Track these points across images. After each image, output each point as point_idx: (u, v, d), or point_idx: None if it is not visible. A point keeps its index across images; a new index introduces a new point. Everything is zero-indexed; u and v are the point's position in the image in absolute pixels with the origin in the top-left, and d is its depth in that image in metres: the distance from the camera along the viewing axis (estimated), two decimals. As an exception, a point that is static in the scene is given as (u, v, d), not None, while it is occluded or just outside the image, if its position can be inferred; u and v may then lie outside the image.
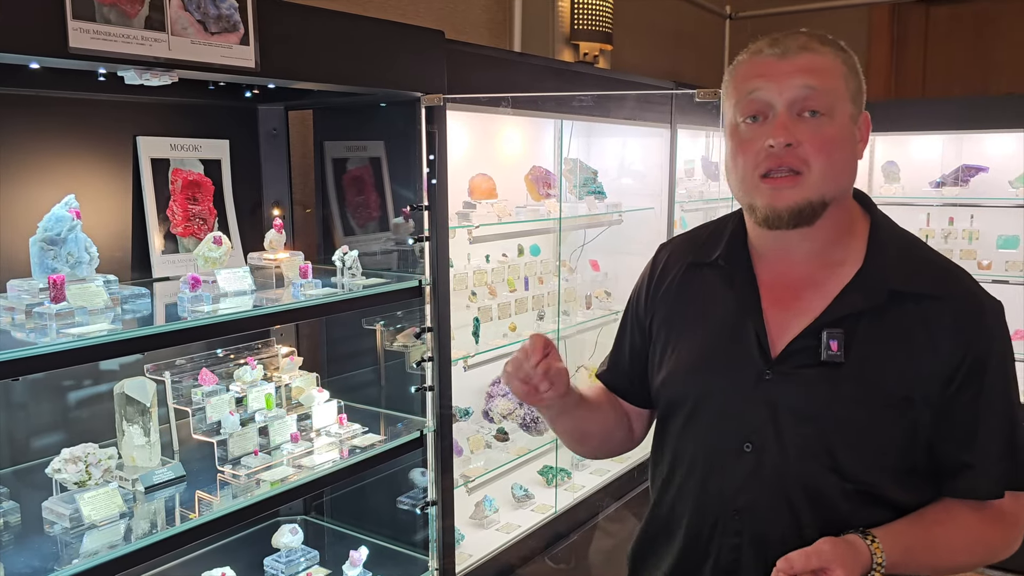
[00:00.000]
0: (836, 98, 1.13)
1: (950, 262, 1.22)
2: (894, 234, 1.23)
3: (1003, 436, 1.16)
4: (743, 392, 1.19)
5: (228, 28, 1.60)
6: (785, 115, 1.12)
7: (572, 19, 3.55)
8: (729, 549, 1.21)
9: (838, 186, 1.15)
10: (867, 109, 1.21)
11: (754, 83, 1.15)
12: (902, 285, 1.15)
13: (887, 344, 1.14)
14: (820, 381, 1.14)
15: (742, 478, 1.19)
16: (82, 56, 1.39)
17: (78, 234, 1.69)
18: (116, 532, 1.62)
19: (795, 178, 1.12)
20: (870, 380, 1.13)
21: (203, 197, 2.16)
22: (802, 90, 1.12)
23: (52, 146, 1.90)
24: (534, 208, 2.95)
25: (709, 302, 1.27)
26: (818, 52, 1.14)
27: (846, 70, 1.15)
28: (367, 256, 2.29)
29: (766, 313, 1.20)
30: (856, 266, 1.18)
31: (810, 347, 1.15)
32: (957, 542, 1.17)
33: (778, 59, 1.14)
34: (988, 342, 1.15)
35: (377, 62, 1.98)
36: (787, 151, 1.11)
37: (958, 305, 1.15)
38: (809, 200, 1.12)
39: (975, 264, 3.78)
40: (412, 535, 2.39)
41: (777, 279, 1.22)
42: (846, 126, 1.14)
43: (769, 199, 1.13)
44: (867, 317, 1.15)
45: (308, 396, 2.15)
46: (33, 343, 1.46)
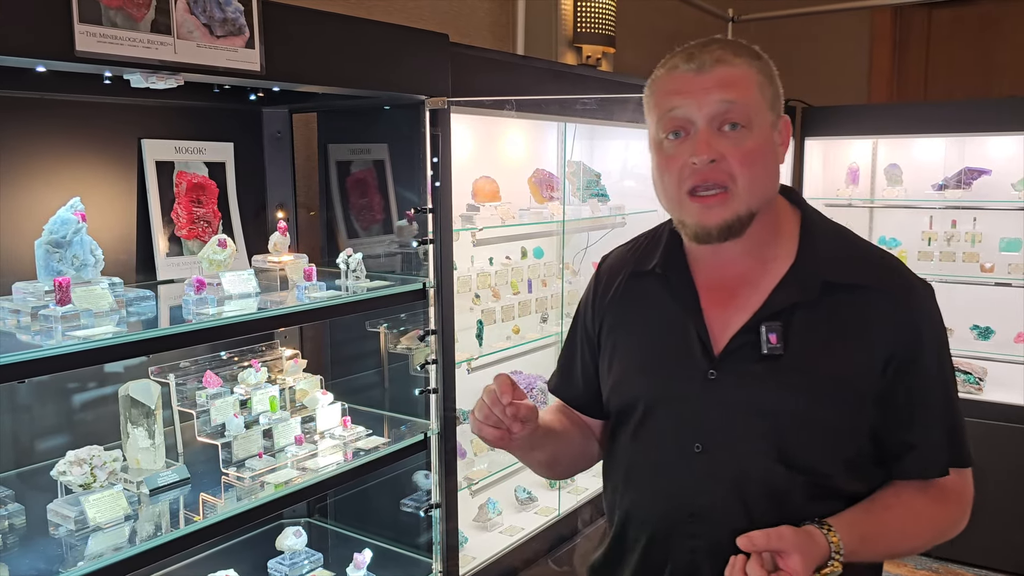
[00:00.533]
0: (754, 109, 1.15)
1: (881, 250, 1.26)
2: (824, 227, 1.26)
3: (943, 415, 1.20)
4: (690, 393, 1.21)
5: (233, 31, 1.60)
6: (706, 131, 1.14)
7: (575, 22, 3.55)
8: (686, 552, 1.22)
9: (764, 196, 1.18)
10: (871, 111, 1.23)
11: (673, 100, 1.16)
12: (835, 276, 1.18)
13: (825, 334, 1.17)
14: (763, 375, 1.17)
15: (695, 480, 1.20)
16: (89, 60, 1.39)
17: (83, 237, 1.69)
18: (121, 534, 1.62)
19: (723, 195, 1.14)
20: (811, 369, 1.16)
21: (207, 200, 2.16)
22: (721, 104, 1.13)
23: (57, 149, 1.90)
24: (537, 211, 2.95)
25: (651, 309, 1.30)
26: (733, 64, 1.15)
27: (762, 79, 1.17)
28: (371, 259, 2.29)
29: (706, 313, 1.23)
30: (789, 261, 1.21)
31: (750, 342, 1.18)
32: (909, 524, 1.19)
33: (695, 74, 1.15)
34: (922, 325, 1.19)
35: (382, 65, 1.98)
36: (711, 167, 1.13)
37: (891, 292, 1.18)
38: (738, 215, 1.15)
39: (978, 267, 3.78)
40: (416, 538, 2.39)
41: (714, 280, 1.25)
42: (766, 135, 1.17)
43: (698, 218, 1.16)
44: (803, 309, 1.17)
45: (312, 399, 2.15)
46: (38, 345, 1.46)
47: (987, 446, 3.58)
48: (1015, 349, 3.71)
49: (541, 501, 2.97)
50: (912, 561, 3.70)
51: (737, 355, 1.18)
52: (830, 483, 1.17)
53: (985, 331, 3.86)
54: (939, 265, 3.90)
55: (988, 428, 3.58)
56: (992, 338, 3.85)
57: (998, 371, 3.77)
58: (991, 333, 3.85)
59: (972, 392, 3.69)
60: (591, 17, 3.54)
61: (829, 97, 4.50)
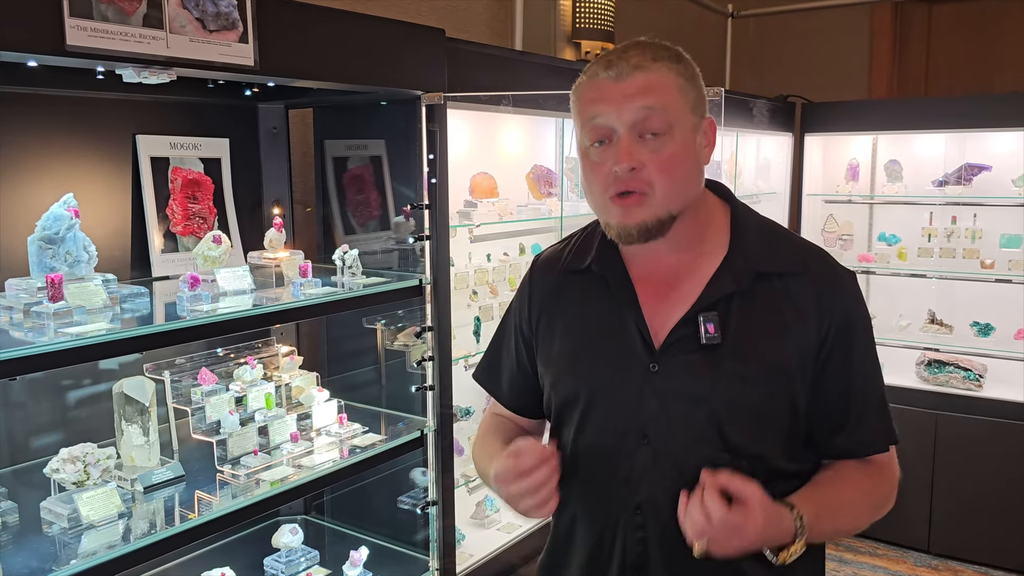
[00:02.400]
0: (674, 115, 1.16)
1: (806, 241, 1.30)
2: (753, 220, 1.29)
3: (874, 394, 1.24)
4: (632, 386, 1.22)
5: (227, 26, 1.59)
6: (627, 138, 1.16)
7: (574, 17, 3.54)
8: (635, 544, 1.22)
9: (683, 200, 1.20)
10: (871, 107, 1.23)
11: (595, 108, 1.18)
12: (766, 266, 1.21)
13: (760, 322, 1.20)
14: (703, 364, 1.19)
15: (640, 472, 1.21)
16: (79, 54, 1.38)
17: (76, 233, 1.69)
18: (115, 532, 1.62)
19: (640, 197, 1.17)
20: (748, 357, 1.18)
21: (203, 196, 2.15)
22: (640, 112, 1.15)
23: (51, 144, 1.89)
24: (535, 207, 2.94)
25: (588, 305, 1.31)
26: (651, 70, 1.16)
27: (682, 82, 1.18)
28: (367, 255, 2.28)
29: (644, 307, 1.25)
30: (722, 253, 1.24)
31: (689, 334, 1.20)
32: (856, 500, 1.23)
33: (614, 82, 1.16)
34: (850, 308, 1.22)
35: (378, 60, 1.97)
36: (631, 175, 1.15)
37: (818, 278, 1.22)
38: (657, 216, 1.17)
39: (978, 263, 3.77)
40: (413, 535, 2.39)
41: (650, 273, 1.27)
42: (687, 139, 1.18)
43: (620, 218, 1.19)
44: (738, 299, 1.20)
45: (308, 395, 2.15)
46: (31, 342, 1.46)
47: (987, 443, 3.57)
48: (1015, 346, 3.71)
49: (539, 498, 2.96)
50: (911, 558, 3.70)
51: (677, 347, 1.21)
52: (772, 465, 1.20)
53: (985, 327, 3.85)
54: (939, 261, 3.88)
55: (988, 425, 3.57)
56: (992, 335, 3.84)
57: (998, 368, 3.76)
58: (991, 329, 3.84)
59: (972, 389, 3.68)
60: (590, 13, 3.53)
61: (829, 93, 4.48)
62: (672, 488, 1.17)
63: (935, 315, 3.97)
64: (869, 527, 1.25)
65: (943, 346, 3.86)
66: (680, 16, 4.59)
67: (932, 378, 3.76)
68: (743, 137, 3.88)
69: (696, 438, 1.18)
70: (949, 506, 3.65)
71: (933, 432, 3.65)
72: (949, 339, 3.89)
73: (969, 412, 3.63)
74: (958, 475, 3.61)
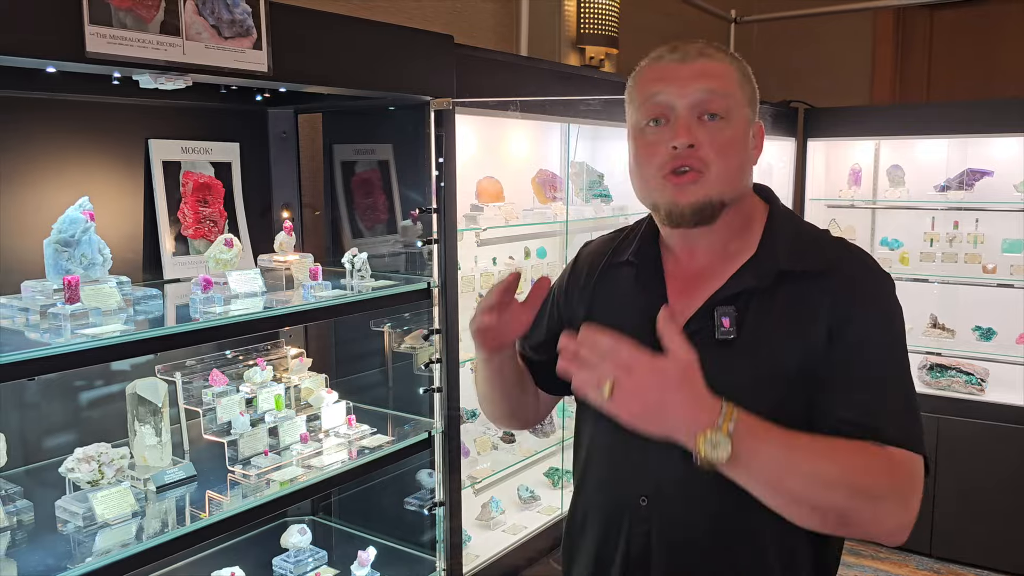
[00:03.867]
0: (733, 102, 1.20)
1: (846, 245, 1.25)
2: (788, 222, 1.29)
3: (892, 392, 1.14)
4: None
5: (241, 33, 1.61)
6: (686, 117, 1.19)
7: (578, 23, 3.56)
8: (640, 536, 1.25)
9: (734, 188, 1.22)
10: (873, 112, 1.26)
11: (656, 87, 1.21)
12: (791, 265, 1.21)
13: (777, 320, 1.19)
14: (717, 358, 1.16)
15: (649, 464, 1.23)
16: (99, 61, 1.41)
17: (92, 236, 1.71)
18: (128, 531, 1.64)
19: (696, 175, 1.18)
20: (763, 354, 1.18)
21: (213, 199, 2.18)
22: (702, 93, 1.18)
23: (65, 148, 1.92)
24: (541, 211, 2.97)
25: (623, 296, 1.34)
26: (714, 58, 1.21)
27: (740, 76, 1.23)
28: (375, 258, 2.30)
29: (672, 300, 1.27)
30: (751, 253, 1.25)
31: (705, 327, 1.21)
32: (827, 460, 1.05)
33: (678, 64, 1.21)
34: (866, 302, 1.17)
35: (388, 66, 1.99)
36: (688, 152, 1.17)
37: (841, 276, 1.19)
38: (709, 197, 1.19)
39: (980, 268, 3.79)
40: (419, 536, 2.40)
41: (682, 271, 1.29)
42: (743, 129, 1.22)
43: (672, 195, 1.20)
44: (758, 296, 1.20)
45: (317, 397, 2.17)
46: (47, 344, 1.48)
47: (989, 447, 3.59)
48: (1017, 350, 3.72)
49: (544, 500, 2.98)
50: (913, 561, 3.71)
51: (693, 339, 1.18)
52: None
53: (987, 332, 3.87)
54: (941, 266, 3.91)
55: (990, 429, 3.59)
56: (994, 339, 3.86)
57: (1000, 372, 3.78)
58: (993, 334, 3.86)
59: (974, 393, 3.70)
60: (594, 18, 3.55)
61: (831, 98, 4.51)
62: (679, 483, 1.19)
63: (937, 319, 3.99)
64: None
65: (945, 350, 3.88)
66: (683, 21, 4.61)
67: (934, 382, 3.78)
68: (746, 142, 3.89)
69: None
70: (951, 510, 3.66)
71: (935, 436, 3.67)
72: (951, 343, 3.90)
73: (971, 416, 3.65)
74: (960, 479, 3.63)
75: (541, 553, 2.72)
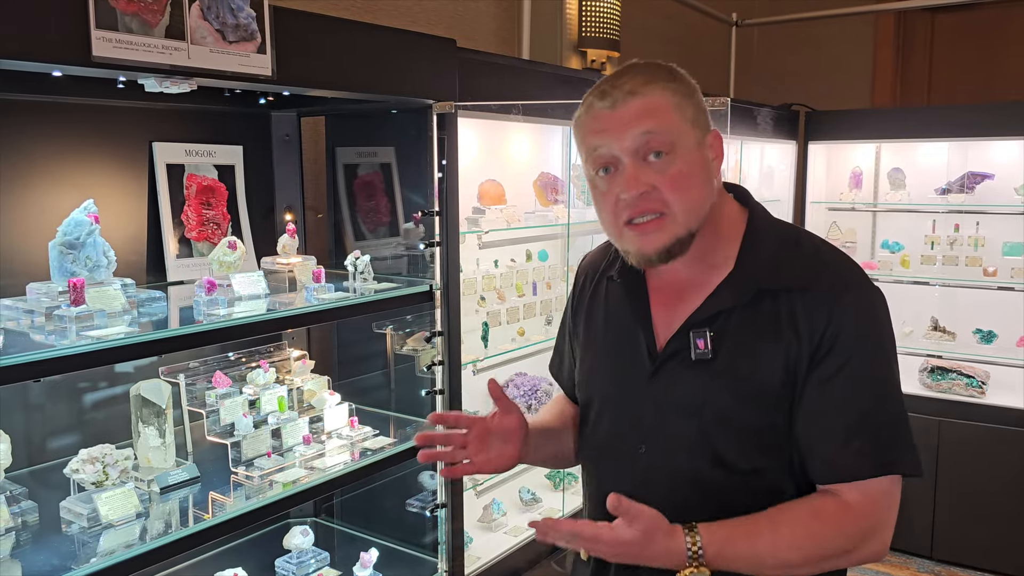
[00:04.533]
0: (675, 133, 1.15)
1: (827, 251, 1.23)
2: (767, 230, 1.25)
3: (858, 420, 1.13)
4: (636, 393, 1.25)
5: (246, 37, 1.62)
6: (632, 164, 1.15)
7: (580, 26, 3.57)
8: None
9: (700, 215, 1.19)
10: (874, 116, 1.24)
11: (595, 139, 1.18)
12: (770, 282, 1.18)
13: (756, 337, 1.17)
14: (695, 378, 1.19)
15: (637, 479, 1.23)
16: (105, 64, 1.42)
17: (96, 238, 1.72)
18: (132, 532, 1.65)
19: (659, 220, 1.16)
20: (740, 373, 1.17)
21: (217, 202, 2.19)
22: (640, 137, 1.14)
23: (70, 151, 1.93)
24: (542, 214, 2.98)
25: (612, 310, 1.34)
26: (645, 94, 1.15)
27: (678, 99, 1.17)
28: (378, 261, 2.31)
29: (655, 316, 1.27)
30: (731, 266, 1.22)
31: (684, 347, 1.21)
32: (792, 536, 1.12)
33: (610, 111, 1.16)
34: (847, 322, 1.14)
35: (391, 70, 2.00)
36: (643, 198, 1.15)
37: (823, 292, 1.16)
38: (677, 237, 1.17)
39: (980, 271, 3.79)
40: (421, 537, 2.41)
41: (664, 284, 1.29)
42: (693, 155, 1.17)
43: (638, 245, 1.18)
44: (738, 313, 1.19)
45: (320, 399, 2.18)
46: (52, 345, 1.49)
47: (990, 449, 3.59)
48: (1017, 353, 3.73)
49: (545, 502, 2.99)
50: (914, 564, 3.72)
51: (674, 359, 1.22)
52: (771, 483, 1.18)
53: (988, 335, 3.88)
54: (942, 269, 3.91)
55: (991, 432, 3.59)
56: (995, 342, 3.86)
57: (1000, 375, 3.78)
58: (994, 337, 3.87)
59: (975, 396, 3.70)
60: (596, 21, 3.56)
61: (832, 101, 4.52)
62: (666, 498, 1.17)
63: (938, 322, 3.99)
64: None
65: (946, 353, 3.88)
66: (684, 25, 4.62)
67: (935, 385, 3.79)
68: (747, 145, 3.91)
69: (689, 451, 1.19)
70: (952, 512, 3.67)
71: (936, 438, 3.68)
72: (952, 346, 3.91)
73: (972, 419, 3.65)
74: (961, 481, 3.63)
75: (542, 555, 2.73)
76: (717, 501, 1.17)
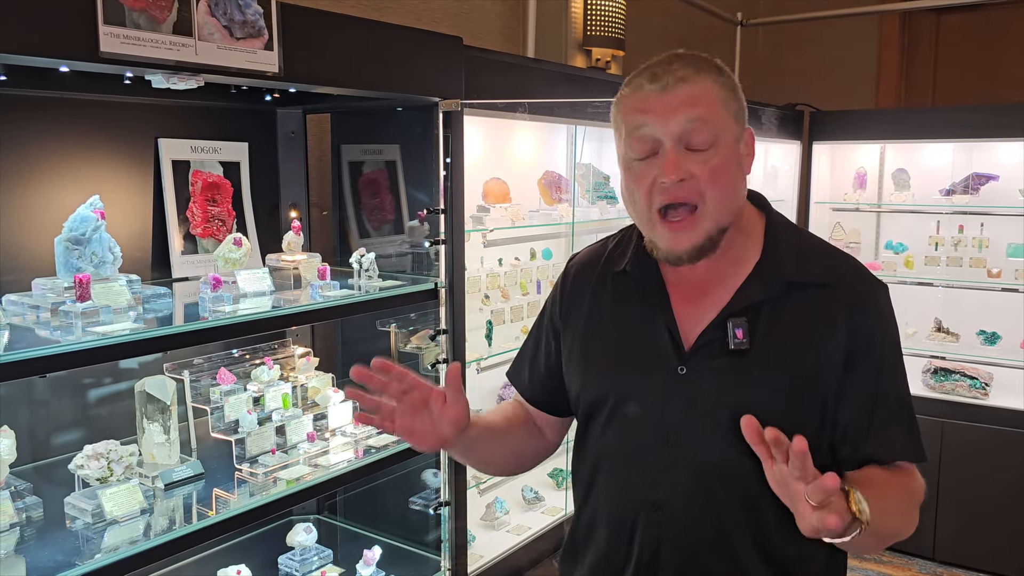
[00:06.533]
0: (719, 127, 1.17)
1: (841, 253, 1.30)
2: (787, 230, 1.30)
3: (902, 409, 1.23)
4: (661, 388, 1.24)
5: (253, 33, 1.62)
6: (673, 150, 1.16)
7: (585, 25, 3.57)
8: (650, 541, 1.25)
9: (732, 210, 1.21)
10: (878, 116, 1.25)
11: (639, 119, 1.18)
12: (797, 276, 1.22)
13: (789, 330, 1.21)
14: (730, 369, 1.20)
15: (661, 472, 1.23)
16: (112, 60, 1.42)
17: (102, 234, 1.72)
18: (136, 528, 1.65)
19: (692, 218, 1.17)
20: (776, 364, 1.19)
21: (222, 199, 2.19)
22: (686, 124, 1.15)
23: (76, 147, 1.93)
24: (547, 212, 2.97)
25: (623, 307, 1.33)
26: (695, 82, 1.17)
27: (725, 93, 1.19)
28: (382, 258, 2.31)
29: (676, 311, 1.26)
30: (754, 260, 1.25)
31: (718, 338, 1.21)
32: (903, 501, 1.18)
33: (659, 94, 1.17)
34: (876, 322, 1.22)
35: (398, 68, 2.00)
36: (680, 186, 1.16)
37: (849, 292, 1.22)
38: (708, 235, 1.18)
39: (985, 272, 3.79)
40: (424, 535, 2.41)
41: (683, 278, 1.28)
42: (732, 151, 1.19)
43: (669, 244, 1.19)
44: (768, 306, 1.21)
45: (324, 396, 2.18)
46: (58, 341, 1.49)
47: (993, 451, 3.59)
48: (1021, 355, 3.72)
49: (548, 501, 2.99)
50: (916, 565, 3.72)
51: (705, 351, 1.22)
52: None
53: (991, 336, 3.87)
54: (946, 270, 3.91)
55: (994, 433, 3.59)
56: (998, 343, 3.86)
57: (1004, 376, 3.78)
58: (997, 338, 3.86)
59: (978, 397, 3.70)
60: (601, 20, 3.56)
61: (837, 102, 4.51)
62: (691, 490, 1.20)
63: (941, 323, 3.99)
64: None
65: (949, 354, 3.88)
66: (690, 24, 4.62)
67: (938, 386, 3.78)
68: (752, 145, 3.90)
69: (720, 442, 1.19)
70: (954, 514, 3.66)
71: (939, 440, 3.67)
72: (955, 347, 3.91)
73: (975, 420, 3.65)
74: (964, 483, 3.63)
75: (545, 554, 2.73)
76: (742, 488, 1.19)
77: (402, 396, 1.22)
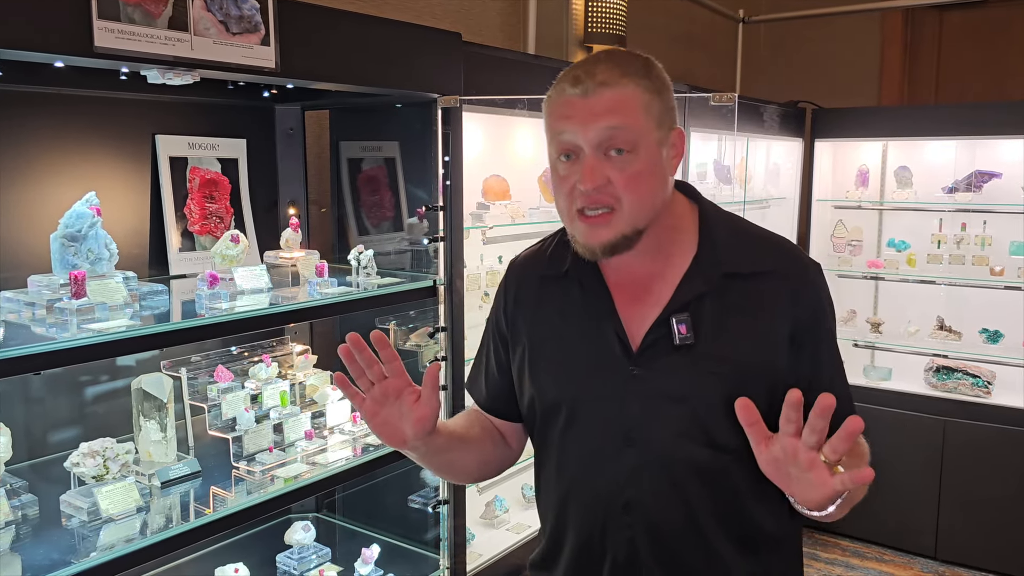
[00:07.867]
0: (640, 133, 1.16)
1: (774, 235, 1.33)
2: (719, 220, 1.30)
3: (841, 382, 1.28)
4: (614, 391, 1.24)
5: (249, 29, 1.61)
6: (592, 156, 1.16)
7: (586, 22, 3.56)
8: (624, 543, 1.25)
9: (648, 215, 1.21)
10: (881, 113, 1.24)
11: (562, 124, 1.19)
12: (734, 267, 1.24)
13: (731, 319, 1.22)
14: (680, 364, 1.21)
15: (627, 472, 1.23)
16: (107, 55, 1.41)
17: (98, 231, 1.71)
18: (132, 526, 1.64)
19: (608, 216, 1.18)
20: (722, 355, 1.21)
21: (220, 195, 2.18)
22: (605, 131, 1.15)
23: (73, 143, 1.92)
24: (547, 209, 2.96)
25: (567, 311, 1.32)
26: (618, 87, 1.16)
27: (648, 97, 1.17)
28: (381, 256, 2.30)
29: (621, 311, 1.27)
30: (691, 254, 1.26)
31: (663, 336, 1.22)
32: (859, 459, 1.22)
33: (580, 99, 1.16)
34: (816, 302, 1.26)
35: (396, 64, 1.99)
36: (597, 191, 1.17)
37: (786, 276, 1.25)
38: (623, 234, 1.19)
39: (987, 270, 3.77)
40: (423, 534, 2.40)
41: (624, 279, 1.29)
42: (653, 155, 1.19)
43: (585, 237, 1.20)
44: (709, 298, 1.23)
45: (322, 394, 2.17)
46: (53, 338, 1.48)
47: (995, 450, 3.58)
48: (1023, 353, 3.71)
49: (548, 499, 2.97)
50: (918, 564, 3.70)
51: (652, 350, 1.23)
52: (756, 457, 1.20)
53: (994, 335, 3.86)
54: (948, 268, 3.89)
55: (996, 432, 3.58)
56: (1001, 342, 3.84)
57: (1007, 375, 3.76)
58: (1000, 337, 3.85)
59: (980, 396, 3.68)
60: (602, 17, 3.54)
61: (839, 99, 4.49)
62: (658, 485, 1.22)
63: (944, 321, 3.97)
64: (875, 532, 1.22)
65: (952, 352, 3.86)
66: (691, 21, 4.60)
67: (940, 384, 3.77)
68: (753, 142, 3.89)
69: (680, 436, 1.21)
70: (956, 513, 3.65)
71: (941, 438, 3.66)
72: (958, 345, 3.89)
73: (977, 419, 3.63)
74: (966, 482, 3.62)
75: (544, 552, 2.72)
76: (709, 480, 1.21)
77: (382, 379, 1.22)
